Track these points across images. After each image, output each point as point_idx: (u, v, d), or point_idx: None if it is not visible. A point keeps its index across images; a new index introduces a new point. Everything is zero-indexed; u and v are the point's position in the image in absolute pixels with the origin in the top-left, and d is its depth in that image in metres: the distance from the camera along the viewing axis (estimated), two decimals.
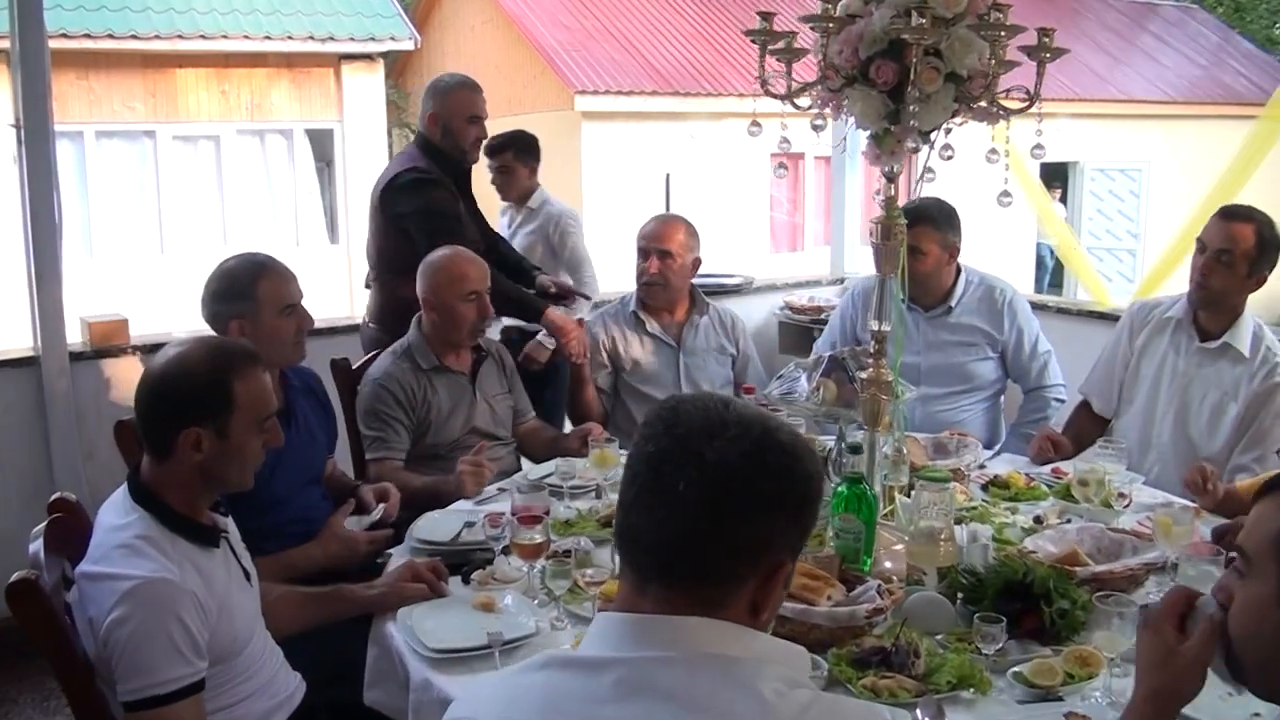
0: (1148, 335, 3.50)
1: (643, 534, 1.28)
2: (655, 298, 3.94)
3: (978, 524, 2.65)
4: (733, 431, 1.26)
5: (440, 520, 2.87)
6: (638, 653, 1.24)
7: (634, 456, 1.31)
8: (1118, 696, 1.97)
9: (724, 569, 1.27)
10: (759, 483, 1.26)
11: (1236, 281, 3.25)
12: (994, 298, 3.87)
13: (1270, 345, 3.30)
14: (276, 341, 2.86)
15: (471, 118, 4.07)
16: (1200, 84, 16.85)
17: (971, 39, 2.23)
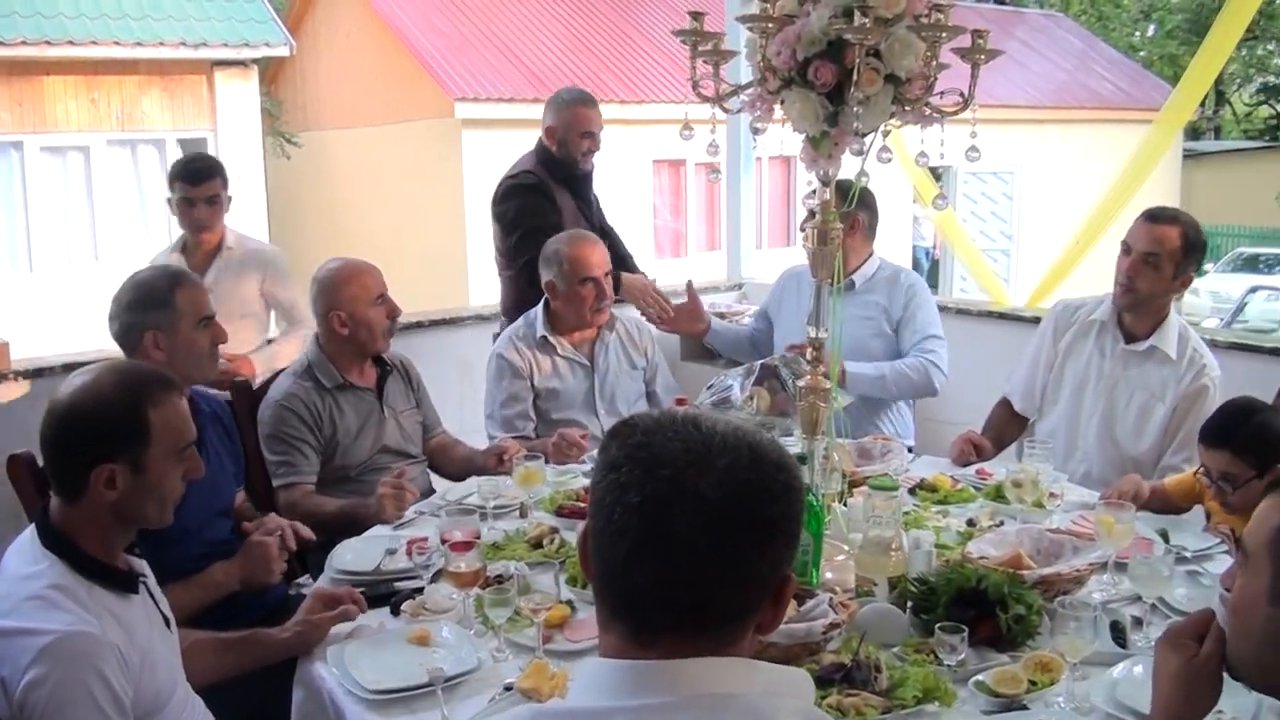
0: (1072, 337, 3.52)
1: (648, 591, 1.18)
2: (605, 319, 3.81)
3: (918, 530, 2.63)
4: (723, 461, 1.17)
5: (360, 548, 2.74)
6: (641, 700, 1.15)
7: (615, 507, 1.18)
8: (1081, 702, 1.96)
9: (741, 605, 1.20)
10: (764, 510, 1.18)
11: (1163, 283, 3.27)
12: (899, 280, 3.99)
13: (1197, 347, 3.32)
14: (193, 355, 2.75)
15: (584, 133, 4.30)
16: (1067, 89, 17.51)
17: (911, 40, 2.21)
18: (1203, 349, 3.34)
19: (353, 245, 13.71)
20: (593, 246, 3.75)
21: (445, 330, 5.07)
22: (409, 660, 2.14)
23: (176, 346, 2.70)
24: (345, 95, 15.32)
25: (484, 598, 2.25)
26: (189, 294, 2.77)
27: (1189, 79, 5.01)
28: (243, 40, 11.72)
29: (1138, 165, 4.99)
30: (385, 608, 2.41)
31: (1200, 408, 3.22)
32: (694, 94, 2.42)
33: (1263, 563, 1.40)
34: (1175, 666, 1.51)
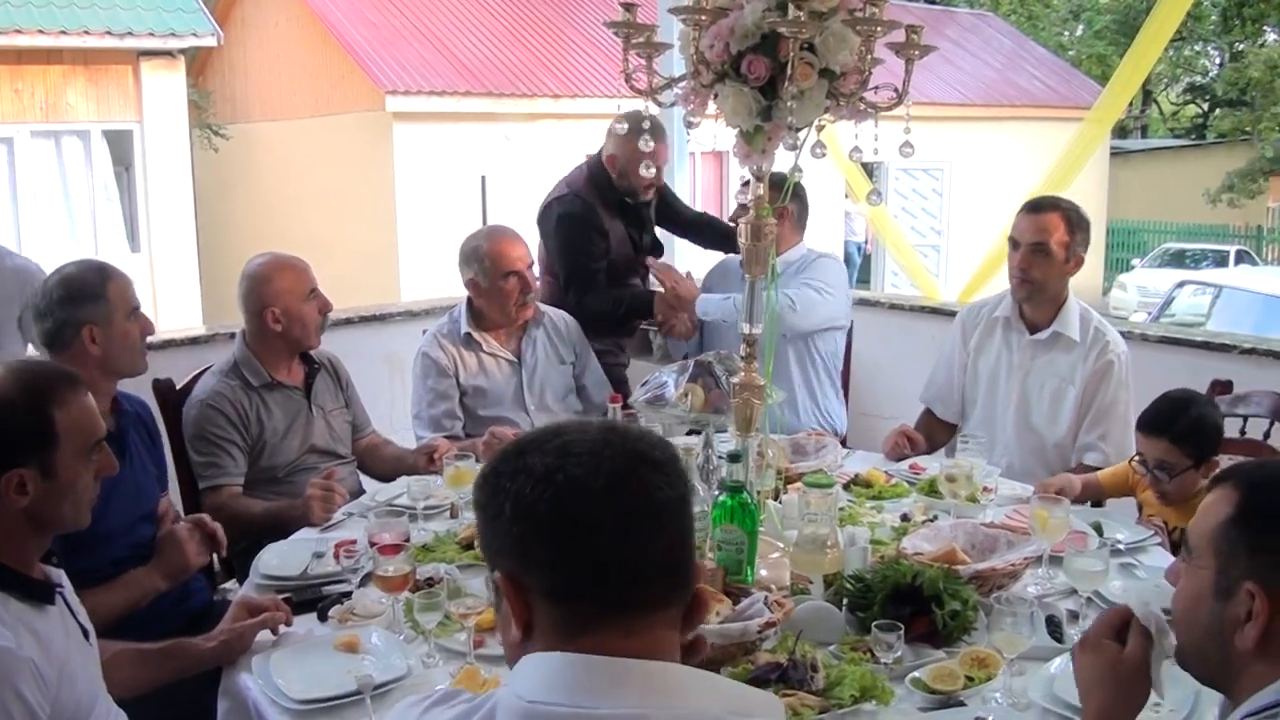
0: (980, 336, 3.56)
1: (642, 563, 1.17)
2: (529, 314, 3.74)
3: (853, 526, 2.62)
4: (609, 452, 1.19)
5: (286, 552, 2.67)
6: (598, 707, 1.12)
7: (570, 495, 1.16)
8: (1018, 697, 1.97)
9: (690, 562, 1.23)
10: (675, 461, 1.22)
11: (1056, 268, 3.31)
12: (813, 262, 4.01)
13: (1098, 325, 3.38)
14: (127, 348, 2.70)
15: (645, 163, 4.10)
16: (996, 87, 17.76)
17: (845, 34, 2.19)
18: (1105, 328, 3.40)
19: (282, 240, 13.49)
20: (513, 241, 3.69)
21: (375, 327, 4.99)
22: (337, 668, 2.08)
23: (112, 339, 2.64)
24: (274, 87, 15.07)
25: (413, 602, 2.20)
26: (118, 285, 2.71)
27: (1119, 78, 5.09)
28: (169, 30, 11.43)
29: (1068, 162, 5.07)
30: (312, 613, 2.35)
31: (1107, 384, 3.30)
32: (627, 87, 2.38)
33: (1207, 558, 1.40)
34: (1101, 670, 1.51)
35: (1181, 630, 1.46)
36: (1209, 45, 31.37)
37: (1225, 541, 1.38)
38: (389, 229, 12.30)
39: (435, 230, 11.00)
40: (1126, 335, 4.43)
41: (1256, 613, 1.33)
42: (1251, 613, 1.33)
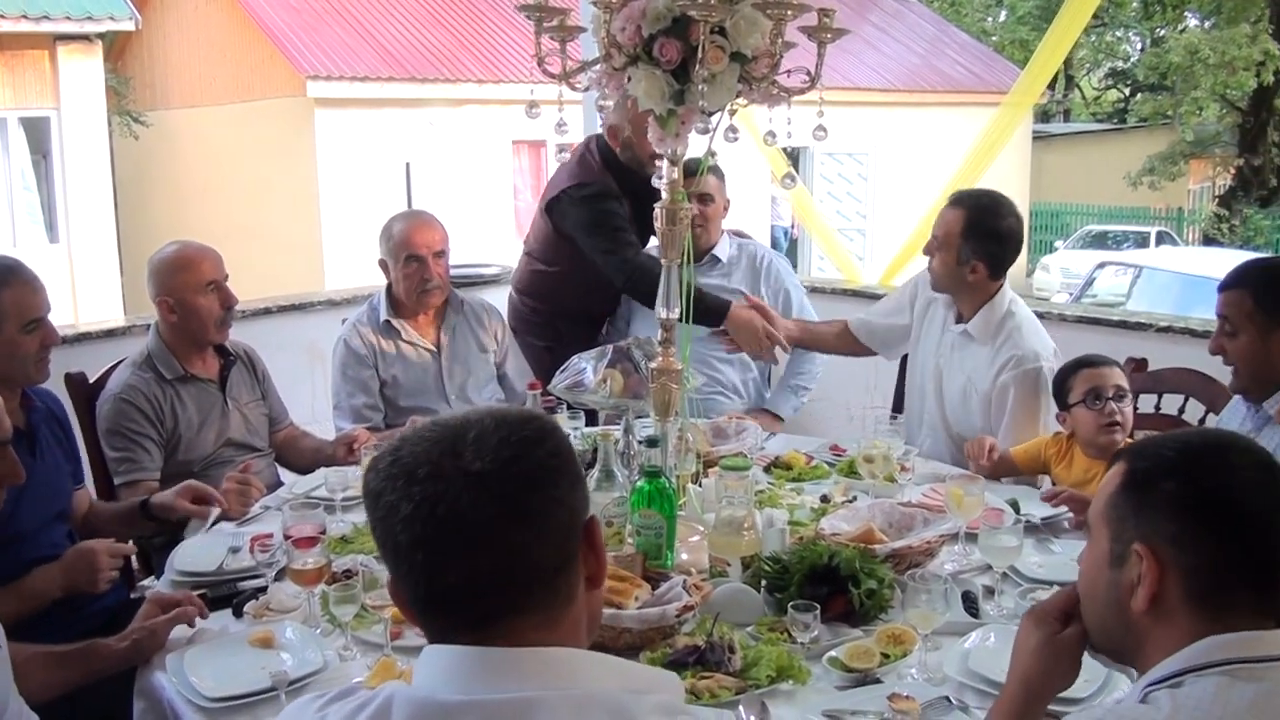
0: (926, 307, 3.55)
1: (470, 585, 1.16)
2: (436, 302, 3.68)
3: (771, 509, 2.64)
4: (473, 433, 1.18)
5: (201, 546, 2.62)
6: (493, 694, 1.11)
7: (396, 528, 1.16)
8: (933, 672, 1.99)
9: (559, 553, 1.20)
10: (534, 457, 1.19)
11: (949, 266, 3.27)
12: (755, 257, 4.04)
13: (1012, 335, 3.24)
14: (16, 360, 2.57)
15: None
16: (919, 73, 17.95)
17: (756, 17, 2.19)
18: (1021, 339, 3.23)
19: (203, 229, 13.24)
20: (425, 226, 3.63)
21: (296, 316, 4.92)
22: (251, 664, 2.05)
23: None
24: (194, 73, 14.80)
25: (329, 595, 2.17)
26: (16, 293, 2.58)
27: (1035, 63, 5.16)
28: (86, 13, 11.15)
29: (985, 145, 5.13)
30: (228, 609, 2.31)
31: (1006, 399, 3.20)
32: (540, 71, 2.36)
33: (1101, 529, 1.44)
34: (1036, 642, 1.54)
35: (1086, 608, 1.49)
36: (1130, 31, 31.96)
37: (1115, 510, 1.42)
38: (312, 217, 12.15)
39: (359, 218, 10.88)
40: (1044, 315, 4.52)
41: (1145, 573, 1.36)
42: (1141, 574, 1.37)
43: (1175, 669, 1.32)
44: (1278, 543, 1.35)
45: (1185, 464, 1.39)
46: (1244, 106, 21.77)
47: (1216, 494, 1.36)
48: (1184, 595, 1.35)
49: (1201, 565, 1.35)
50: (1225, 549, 1.34)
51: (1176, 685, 1.31)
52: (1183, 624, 1.35)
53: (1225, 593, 1.34)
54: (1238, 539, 1.34)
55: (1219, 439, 1.48)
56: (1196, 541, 1.35)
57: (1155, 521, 1.37)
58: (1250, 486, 1.36)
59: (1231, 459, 1.39)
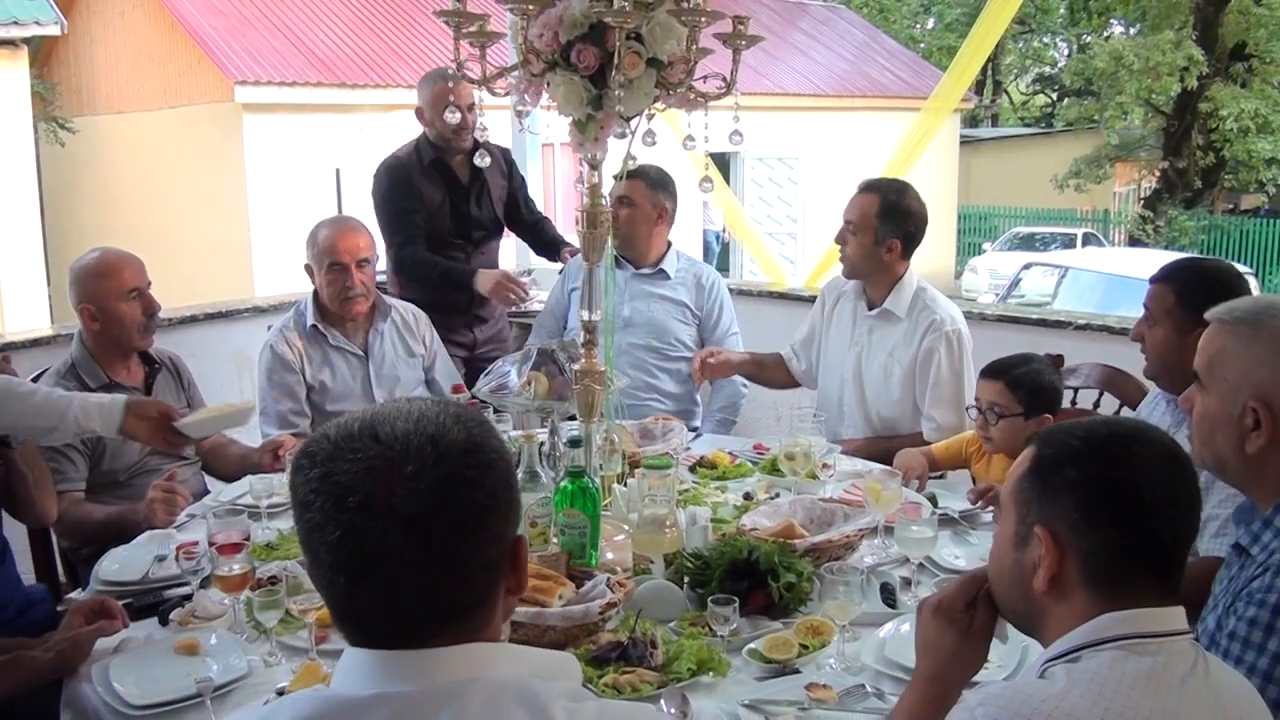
0: (835, 306, 3.67)
1: (384, 615, 1.16)
2: (359, 309, 3.67)
3: (694, 506, 2.68)
4: (410, 468, 1.12)
5: (127, 556, 2.61)
6: (407, 686, 1.13)
7: (320, 547, 1.14)
8: (851, 662, 2.04)
9: (480, 588, 1.19)
10: (465, 501, 1.15)
11: (865, 249, 3.40)
12: (701, 278, 4.08)
13: (928, 305, 3.42)
14: None
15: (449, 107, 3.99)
16: (849, 78, 18.17)
17: (671, 24, 2.23)
18: (936, 307, 3.43)
19: (132, 235, 13.02)
20: (350, 233, 3.63)
21: (222, 324, 4.88)
22: (177, 671, 2.04)
23: None
24: (121, 78, 14.55)
25: (254, 601, 2.17)
26: None
27: (956, 68, 5.26)
28: (11, 18, 10.87)
29: (906, 150, 5.23)
30: (154, 618, 2.30)
31: (932, 363, 3.37)
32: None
33: (1009, 511, 1.48)
34: (951, 640, 1.56)
35: (994, 584, 1.54)
36: (1057, 37, 32.60)
37: (1021, 493, 1.46)
38: (241, 223, 12.01)
39: (289, 224, 10.78)
40: (967, 315, 4.62)
41: (1044, 555, 1.41)
42: (1041, 556, 1.41)
43: (1073, 645, 1.37)
44: (1177, 533, 1.40)
45: (1088, 452, 1.43)
46: (1168, 111, 22.26)
47: (1116, 483, 1.40)
48: (1082, 578, 1.40)
49: (1099, 550, 1.39)
50: (1123, 536, 1.39)
51: (1074, 660, 1.36)
52: (1081, 604, 1.40)
53: (1123, 577, 1.39)
54: (1136, 527, 1.38)
55: (1125, 429, 1.50)
56: (1095, 528, 1.39)
57: (1057, 506, 1.41)
58: (1152, 477, 1.39)
59: (1135, 449, 1.42)
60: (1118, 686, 1.30)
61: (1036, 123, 34.06)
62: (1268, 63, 21.18)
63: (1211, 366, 1.86)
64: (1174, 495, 1.40)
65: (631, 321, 3.93)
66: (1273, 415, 1.76)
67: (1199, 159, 22.00)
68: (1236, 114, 20.36)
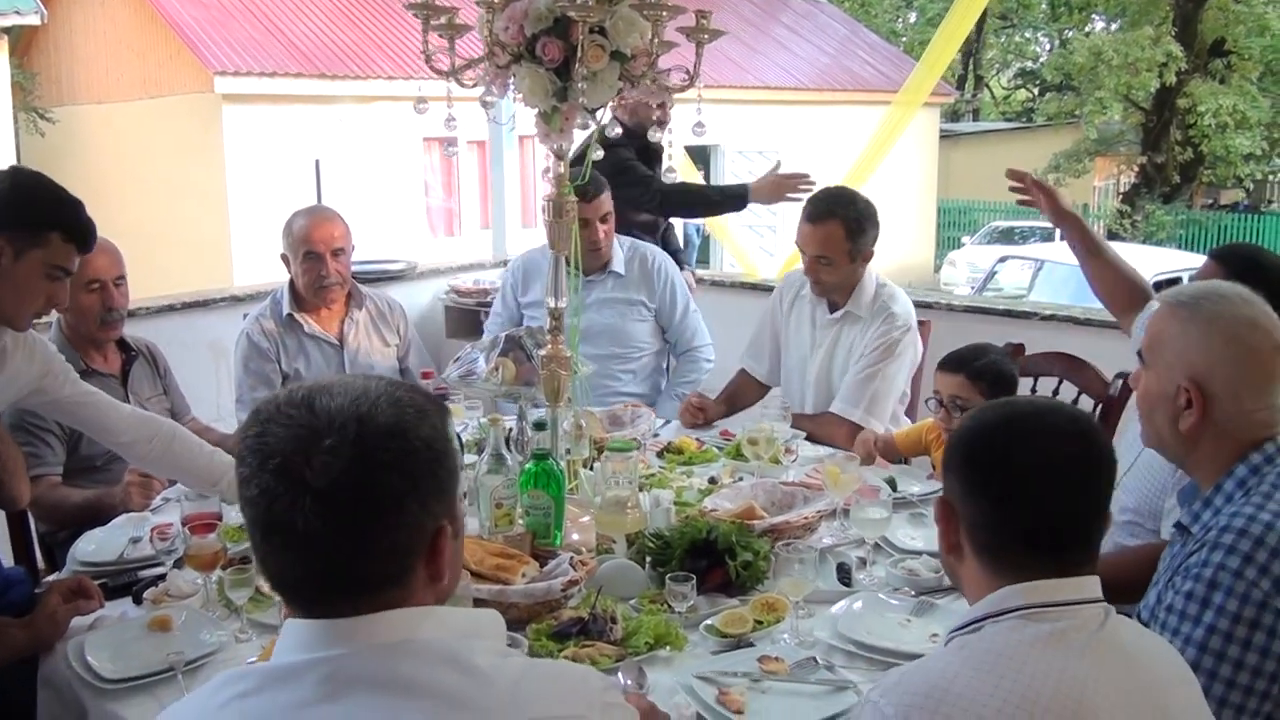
0: (793, 306, 3.70)
1: (288, 576, 1.21)
2: (334, 298, 3.72)
3: (658, 489, 2.74)
4: (329, 441, 1.16)
5: (103, 538, 2.66)
6: (336, 650, 1.18)
7: (243, 499, 1.20)
8: (804, 636, 2.11)
9: (386, 573, 1.21)
10: (377, 483, 1.18)
11: (844, 270, 3.42)
12: (646, 262, 4.05)
13: (886, 301, 3.46)
14: None
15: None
16: (829, 72, 18.22)
17: (634, 18, 2.28)
18: (895, 304, 3.46)
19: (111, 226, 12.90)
20: (326, 223, 3.66)
21: (198, 313, 4.91)
22: (150, 647, 2.10)
23: None
24: (101, 68, 14.49)
25: (225, 579, 2.23)
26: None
27: (926, 61, 5.32)
28: None
29: (876, 144, 5.29)
30: (129, 597, 2.35)
31: (889, 359, 3.40)
32: (428, 68, 2.43)
33: (946, 479, 1.55)
34: None
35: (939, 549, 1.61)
36: (1039, 32, 32.70)
37: (945, 470, 1.55)
38: (220, 214, 11.99)
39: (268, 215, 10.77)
40: (933, 306, 4.71)
41: (940, 522, 1.51)
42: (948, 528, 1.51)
43: (975, 616, 1.44)
44: (1061, 510, 1.44)
45: (974, 432, 1.51)
46: (1147, 106, 22.40)
47: (991, 462, 1.47)
48: (973, 548, 1.48)
49: (980, 523, 1.47)
50: (997, 511, 1.45)
51: (976, 631, 1.42)
52: (979, 573, 1.47)
53: (1007, 549, 1.45)
54: (1009, 504, 1.44)
55: (1019, 410, 1.54)
56: (973, 501, 1.47)
57: (951, 480, 1.51)
58: (1031, 456, 1.44)
59: (1019, 429, 1.47)
60: (1014, 653, 1.35)
61: (1018, 117, 34.20)
62: (1246, 59, 21.30)
63: (1153, 346, 1.95)
64: (1060, 474, 1.43)
65: (590, 332, 3.86)
66: (1203, 396, 1.84)
67: (1177, 154, 22.13)
68: (1215, 110, 20.47)
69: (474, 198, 13.76)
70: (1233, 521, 1.77)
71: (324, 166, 9.17)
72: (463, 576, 2.13)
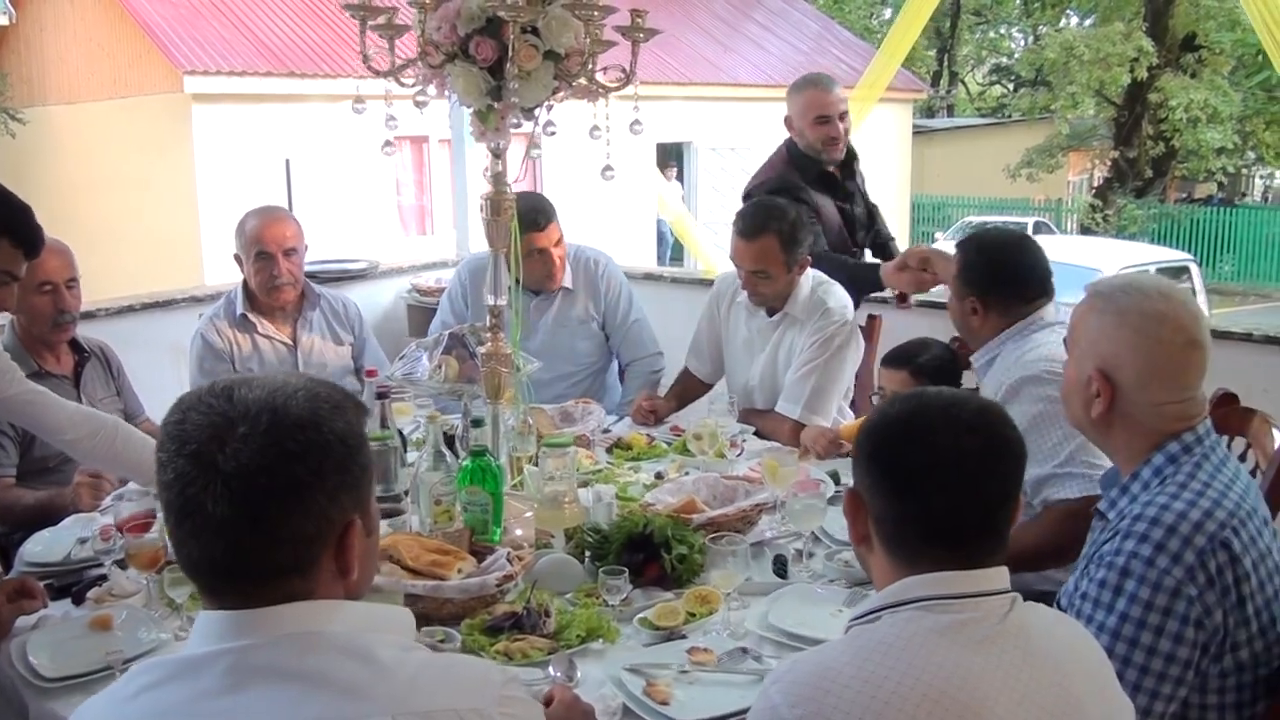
0: (730, 310, 3.70)
1: (199, 561, 1.24)
2: (287, 298, 3.73)
3: (601, 485, 2.76)
4: (242, 429, 1.21)
5: (51, 539, 2.68)
6: (243, 641, 1.21)
7: (160, 483, 1.25)
8: (736, 627, 2.13)
9: (293, 561, 1.24)
10: (286, 472, 1.21)
11: (781, 281, 3.41)
12: (591, 267, 4.02)
13: (822, 297, 3.45)
14: None
15: (818, 118, 3.89)
16: (802, 69, 18.10)
17: (567, 18, 2.31)
18: (830, 299, 3.45)
19: (83, 227, 12.87)
20: (277, 222, 3.68)
21: (159, 314, 4.90)
22: (90, 646, 2.11)
23: None
24: (72, 68, 14.42)
25: (165, 578, 2.25)
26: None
27: (880, 58, 5.37)
28: None
29: None
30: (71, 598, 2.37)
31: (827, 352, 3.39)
32: (365, 67, 2.45)
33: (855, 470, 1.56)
34: None
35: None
36: (1014, 28, 32.85)
37: (854, 462, 1.56)
38: (190, 214, 11.95)
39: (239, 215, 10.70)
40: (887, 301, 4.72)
41: (859, 519, 1.53)
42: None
43: (874, 605, 1.46)
44: (958, 503, 1.44)
45: (876, 425, 1.52)
46: (1119, 101, 22.55)
47: (892, 455, 1.48)
48: (879, 539, 1.50)
49: (885, 516, 1.48)
50: (900, 504, 1.46)
51: (874, 620, 1.43)
52: (885, 564, 1.49)
53: (910, 541, 1.46)
54: (909, 497, 1.45)
55: (921, 402, 1.53)
56: (878, 494, 1.49)
57: (858, 472, 1.53)
58: (925, 451, 1.45)
59: (917, 423, 1.48)
60: (906, 644, 1.36)
61: (993, 113, 34.37)
62: (1217, 54, 21.48)
63: (1072, 334, 2.00)
64: (960, 468, 1.44)
65: (543, 353, 3.70)
66: (1110, 385, 1.88)
67: (1149, 148, 22.28)
68: (1186, 104, 20.62)
69: (446, 196, 13.74)
70: (1146, 510, 1.80)
71: (295, 165, 9.16)
72: (396, 573, 2.16)
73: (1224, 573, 1.74)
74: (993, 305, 2.71)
